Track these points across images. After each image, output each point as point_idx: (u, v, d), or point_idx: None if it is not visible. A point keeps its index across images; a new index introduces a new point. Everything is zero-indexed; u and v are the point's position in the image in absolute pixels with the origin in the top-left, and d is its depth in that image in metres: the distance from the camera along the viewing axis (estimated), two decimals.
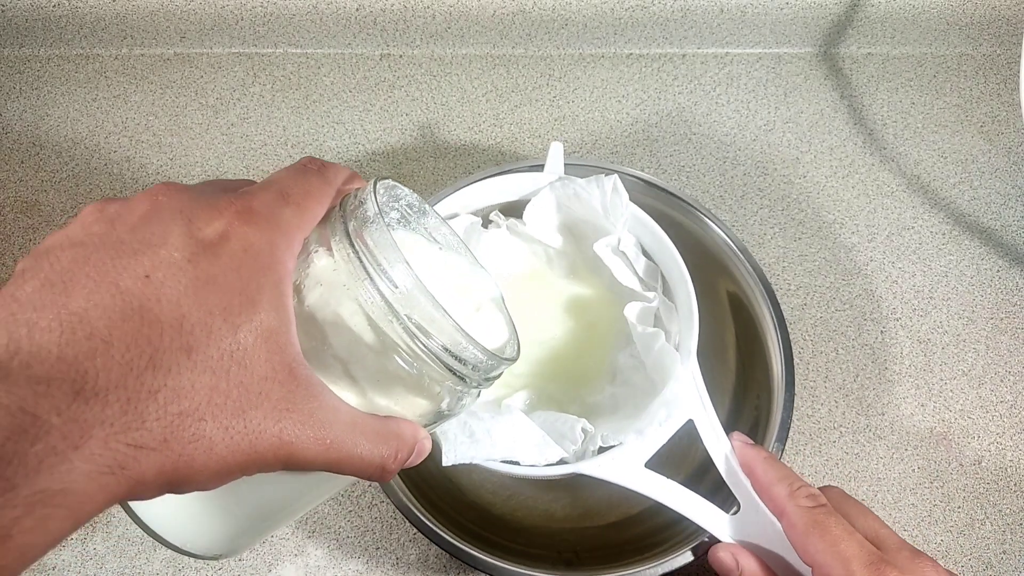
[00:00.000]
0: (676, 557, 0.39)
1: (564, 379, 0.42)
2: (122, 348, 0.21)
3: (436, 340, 0.27)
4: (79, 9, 0.61)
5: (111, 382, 0.21)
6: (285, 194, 0.26)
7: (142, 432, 0.21)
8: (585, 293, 0.44)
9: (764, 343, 0.46)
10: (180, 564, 0.48)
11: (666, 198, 0.48)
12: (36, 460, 0.19)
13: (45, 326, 0.21)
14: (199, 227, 0.24)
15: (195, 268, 0.23)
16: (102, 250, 0.23)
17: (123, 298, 0.22)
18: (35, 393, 0.19)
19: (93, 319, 0.21)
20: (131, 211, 0.24)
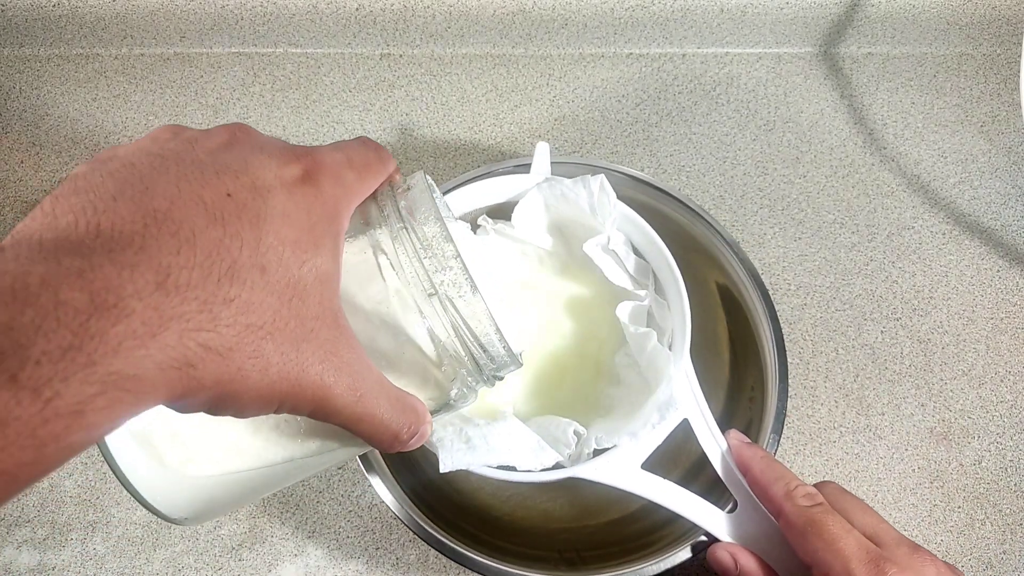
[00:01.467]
0: (675, 554, 0.39)
1: (563, 382, 0.42)
2: (204, 252, 0.21)
3: (471, 327, 0.28)
4: (79, 9, 0.61)
5: (191, 281, 0.21)
6: (350, 160, 0.28)
7: (214, 335, 0.21)
8: (578, 294, 0.44)
9: (757, 336, 0.46)
10: (180, 564, 0.48)
11: (654, 193, 0.48)
12: (116, 341, 0.19)
13: (128, 216, 0.21)
14: (277, 165, 0.25)
15: (272, 199, 0.24)
16: (182, 164, 0.23)
17: (206, 208, 0.22)
18: (119, 275, 0.19)
19: (177, 219, 0.21)
20: (209, 138, 0.25)
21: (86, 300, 0.19)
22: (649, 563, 0.39)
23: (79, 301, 0.19)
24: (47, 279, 0.19)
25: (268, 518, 0.49)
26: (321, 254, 0.24)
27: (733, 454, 0.39)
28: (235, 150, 0.25)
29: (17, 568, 0.48)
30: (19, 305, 0.18)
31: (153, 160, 0.23)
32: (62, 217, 0.21)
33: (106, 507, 0.49)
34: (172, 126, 0.26)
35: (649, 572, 0.39)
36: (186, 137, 0.25)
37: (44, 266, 0.19)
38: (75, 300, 0.19)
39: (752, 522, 0.38)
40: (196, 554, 0.48)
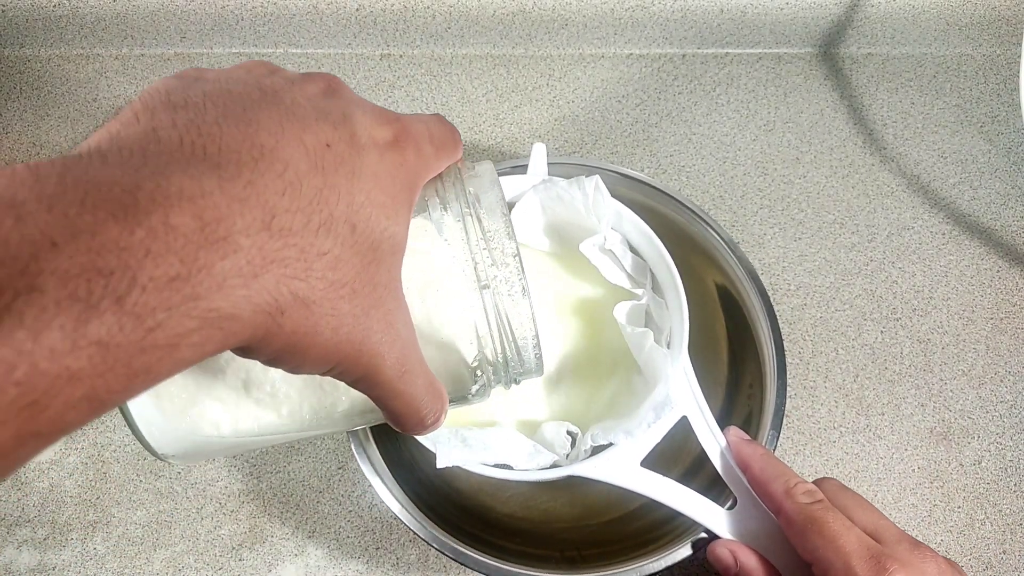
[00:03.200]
0: (676, 551, 0.39)
1: (570, 383, 0.42)
2: (306, 199, 0.21)
3: (513, 328, 0.28)
4: (79, 9, 0.61)
5: (293, 227, 0.20)
6: (431, 134, 0.27)
7: (305, 285, 0.20)
8: (580, 295, 0.44)
9: (755, 334, 0.46)
10: (180, 564, 0.48)
11: (653, 193, 0.48)
12: (221, 277, 0.18)
13: (235, 145, 0.20)
14: (372, 124, 0.24)
15: (366, 157, 0.23)
16: (282, 103, 0.22)
17: (307, 154, 0.21)
18: (229, 207, 0.19)
19: (283, 158, 0.21)
20: (307, 81, 0.24)
21: (196, 228, 0.18)
22: (650, 561, 0.39)
23: (189, 228, 0.18)
24: (157, 197, 0.18)
25: (268, 518, 0.49)
26: (398, 222, 0.24)
27: (732, 451, 0.39)
28: (333, 99, 0.24)
29: (17, 568, 0.48)
30: (129, 223, 0.17)
31: (252, 92, 0.22)
32: (163, 131, 0.20)
33: (106, 507, 0.49)
34: (266, 62, 0.25)
35: (650, 570, 0.39)
36: (284, 76, 0.24)
37: (153, 182, 0.18)
38: (185, 226, 0.18)
39: (752, 519, 0.38)
40: (196, 554, 0.48)
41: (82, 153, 0.19)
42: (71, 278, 0.16)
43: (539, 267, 0.45)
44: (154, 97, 0.21)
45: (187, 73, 0.23)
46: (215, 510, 0.49)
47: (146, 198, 0.17)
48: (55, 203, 0.17)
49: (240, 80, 0.23)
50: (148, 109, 0.21)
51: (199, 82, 0.22)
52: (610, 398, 0.42)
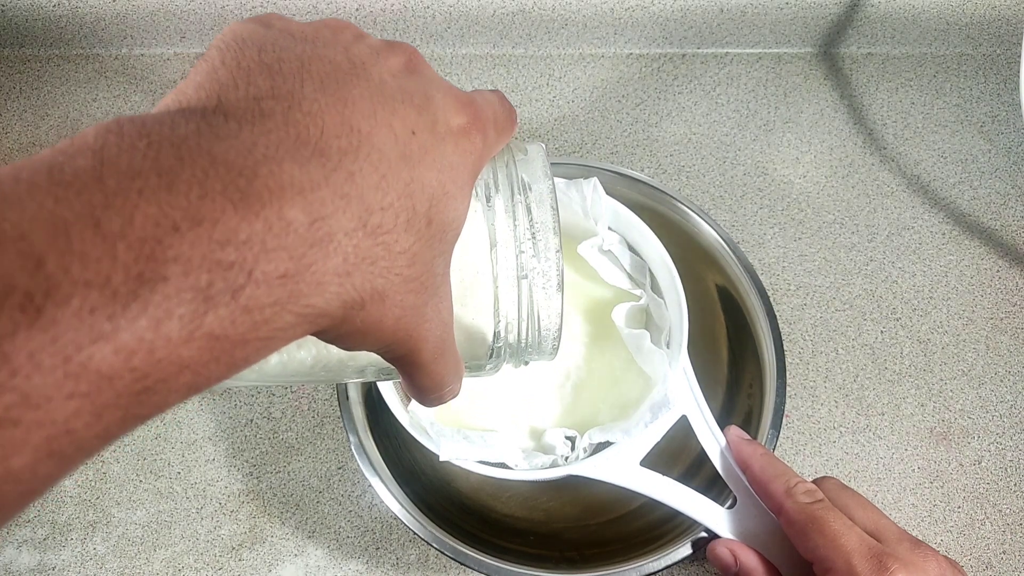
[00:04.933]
0: (676, 550, 0.39)
1: (576, 386, 0.42)
2: (395, 194, 0.21)
3: (541, 321, 0.28)
4: (79, 9, 0.61)
5: (385, 224, 0.20)
6: (495, 119, 0.27)
7: (384, 281, 0.21)
8: (580, 297, 0.44)
9: (755, 333, 0.46)
10: (180, 564, 0.48)
11: (652, 193, 0.48)
12: (322, 276, 0.19)
13: (335, 130, 0.20)
14: (450, 109, 0.24)
15: (445, 146, 0.23)
16: (371, 80, 0.22)
17: (396, 142, 0.21)
18: (334, 204, 0.19)
19: (378, 147, 0.21)
20: (391, 54, 0.24)
21: (305, 223, 0.18)
22: (650, 560, 0.39)
23: (299, 223, 0.18)
24: (272, 186, 0.18)
25: (268, 518, 0.49)
26: (461, 211, 0.24)
27: (732, 451, 0.39)
28: (415, 78, 0.24)
29: (17, 568, 0.48)
30: (248, 213, 0.17)
31: (342, 62, 0.22)
32: (265, 103, 0.20)
33: (106, 507, 0.49)
34: (348, 23, 0.24)
35: (650, 569, 0.39)
36: (369, 45, 0.24)
37: (267, 167, 0.18)
38: (297, 221, 0.18)
39: (752, 518, 0.38)
40: (196, 554, 0.48)
41: (187, 110, 0.19)
42: (193, 269, 0.16)
43: None
44: (245, 51, 0.21)
45: (272, 21, 0.23)
46: (215, 510, 0.49)
47: (262, 186, 0.18)
48: (175, 181, 0.17)
49: (328, 43, 0.23)
50: (243, 69, 0.20)
51: (289, 39, 0.22)
52: (615, 399, 0.42)
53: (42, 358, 0.14)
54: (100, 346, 0.15)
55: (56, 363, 0.15)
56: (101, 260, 0.15)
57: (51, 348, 0.15)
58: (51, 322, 0.15)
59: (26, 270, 0.15)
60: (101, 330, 0.15)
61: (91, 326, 0.15)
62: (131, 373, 0.16)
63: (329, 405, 0.52)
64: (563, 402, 0.42)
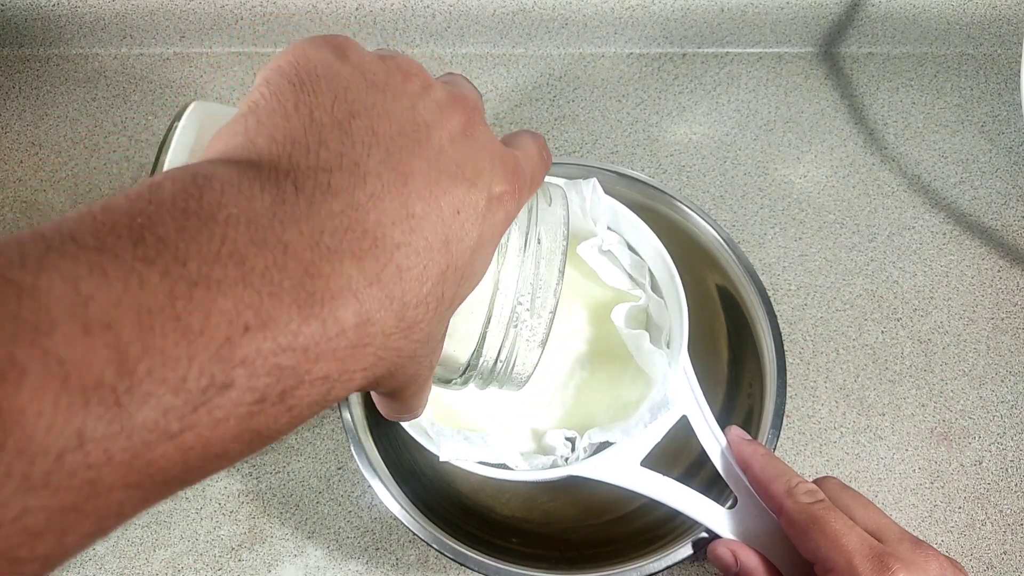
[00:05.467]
0: (676, 551, 0.39)
1: (581, 388, 0.42)
2: (431, 284, 0.22)
3: (516, 367, 0.30)
4: (79, 9, 0.61)
5: (418, 319, 0.22)
6: (532, 177, 0.28)
7: (401, 360, 0.22)
8: (581, 298, 0.44)
9: (755, 333, 0.46)
10: (180, 564, 0.48)
11: (652, 193, 0.48)
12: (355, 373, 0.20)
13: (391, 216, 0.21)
14: (497, 180, 0.25)
15: (485, 224, 0.24)
16: (431, 148, 0.23)
17: (442, 225, 0.22)
18: (380, 307, 0.20)
19: (426, 233, 0.22)
20: (451, 110, 0.25)
21: (353, 325, 0.19)
22: (650, 560, 0.39)
23: (349, 327, 0.19)
24: (333, 290, 0.19)
25: (268, 518, 0.49)
26: (483, 272, 0.25)
27: (733, 451, 0.39)
28: (469, 145, 0.24)
29: None
30: (308, 314, 0.18)
31: (409, 125, 0.23)
32: (334, 177, 0.20)
33: None
34: (417, 67, 0.25)
35: (650, 570, 0.39)
36: (435, 100, 0.24)
37: (330, 266, 0.19)
38: (347, 325, 0.19)
39: (752, 518, 0.38)
40: (196, 554, 0.48)
41: (260, 172, 0.20)
42: (256, 374, 0.17)
43: None
44: (319, 96, 0.22)
45: (347, 52, 0.23)
46: (215, 510, 0.49)
47: (324, 287, 0.19)
48: (250, 275, 0.18)
49: (397, 94, 0.23)
50: (316, 124, 0.21)
51: (362, 83, 0.23)
52: (616, 400, 0.42)
53: (114, 452, 0.15)
54: (165, 446, 0.16)
55: (126, 458, 0.16)
56: (179, 360, 0.16)
57: (124, 443, 0.15)
58: (129, 419, 0.15)
59: (112, 364, 0.15)
60: (170, 430, 0.16)
61: (164, 428, 0.16)
62: (184, 464, 0.17)
63: None
64: (563, 403, 0.42)
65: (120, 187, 0.59)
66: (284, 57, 0.23)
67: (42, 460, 0.14)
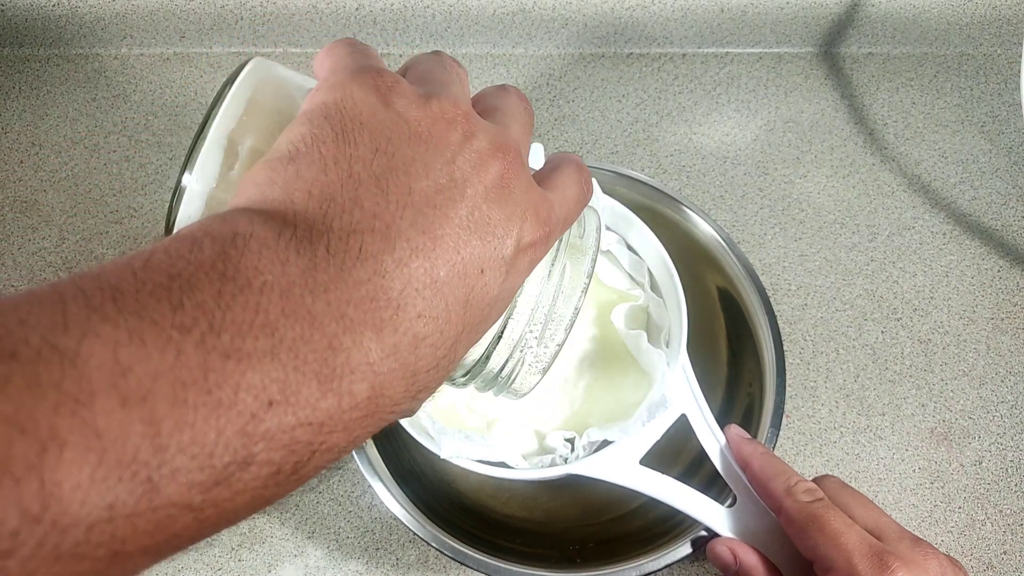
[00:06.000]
0: (676, 549, 0.39)
1: (585, 388, 0.42)
2: (445, 347, 0.22)
3: (515, 385, 0.30)
4: (79, 9, 0.61)
5: (429, 384, 0.22)
6: (567, 218, 0.26)
7: (419, 396, 0.22)
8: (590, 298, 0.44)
9: (754, 332, 0.46)
10: (179, 564, 0.48)
11: (652, 193, 0.48)
12: (357, 440, 0.20)
13: (415, 283, 0.21)
14: (528, 232, 0.24)
15: (506, 276, 0.23)
16: (462, 209, 0.22)
17: (466, 288, 0.22)
18: (392, 378, 0.20)
19: (447, 296, 0.21)
20: (489, 167, 0.23)
21: (366, 400, 0.20)
22: (650, 559, 0.39)
23: (362, 400, 0.20)
24: (352, 365, 0.19)
25: (268, 518, 0.49)
26: (501, 315, 0.25)
27: (732, 450, 0.39)
28: (505, 200, 0.23)
29: None
30: (328, 389, 0.19)
31: (445, 183, 0.22)
32: (365, 240, 0.20)
33: None
34: (463, 111, 0.24)
35: (650, 568, 0.39)
36: (476, 152, 0.23)
37: (351, 339, 0.19)
38: (361, 398, 0.20)
39: (752, 517, 0.38)
40: (196, 554, 0.48)
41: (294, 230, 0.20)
42: (274, 448, 0.18)
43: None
44: (359, 148, 0.22)
45: (392, 97, 0.23)
46: None
47: (343, 361, 0.19)
48: (278, 348, 0.18)
49: (438, 146, 0.23)
50: (353, 180, 0.21)
51: (405, 133, 0.22)
52: (616, 400, 0.42)
53: (140, 525, 0.16)
54: (186, 518, 0.17)
55: (149, 530, 0.16)
56: (208, 435, 0.17)
57: (150, 517, 0.16)
58: (157, 495, 0.16)
59: (147, 439, 0.16)
60: (192, 504, 0.17)
61: (188, 502, 0.17)
62: (199, 531, 0.17)
63: None
64: (564, 404, 0.42)
65: (120, 187, 0.59)
66: (330, 94, 0.22)
67: (73, 532, 0.15)
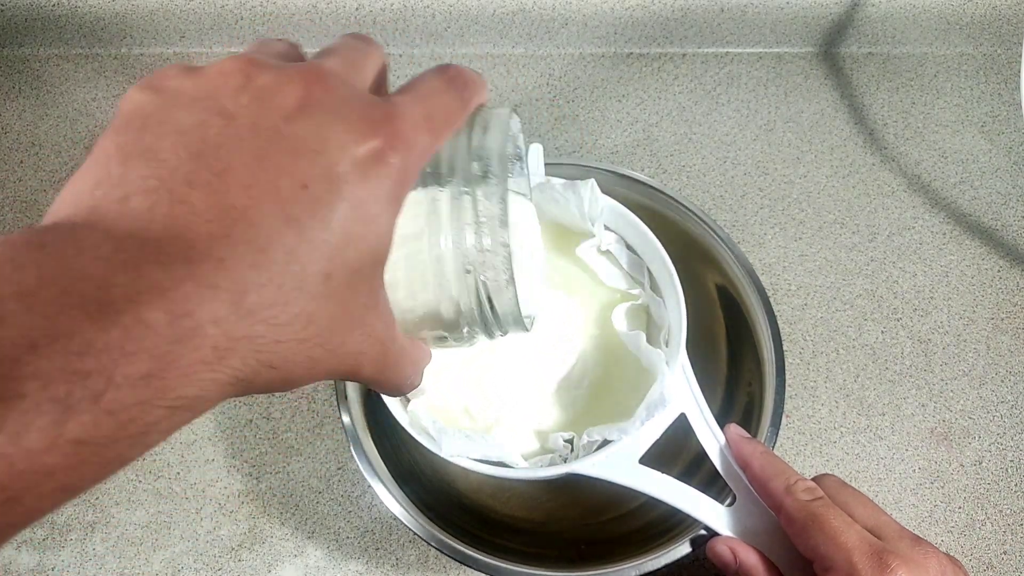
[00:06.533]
0: (675, 548, 0.39)
1: (588, 390, 0.42)
2: (278, 265, 0.20)
3: (497, 311, 0.28)
4: (79, 9, 0.61)
5: (264, 301, 0.20)
6: (429, 117, 0.25)
7: (272, 355, 0.21)
8: (583, 299, 0.44)
9: (753, 331, 0.46)
10: (179, 564, 0.48)
11: (651, 193, 0.48)
12: (191, 369, 0.19)
13: (205, 215, 0.20)
14: (356, 141, 0.22)
15: (346, 189, 0.22)
16: (257, 135, 0.21)
17: (281, 204, 0.20)
18: (199, 295, 0.19)
19: (256, 221, 0.20)
20: (284, 94, 0.22)
21: (166, 322, 0.18)
22: (650, 559, 0.39)
23: (160, 323, 0.18)
24: (130, 294, 0.18)
25: (268, 518, 0.49)
26: (382, 237, 0.23)
27: (732, 449, 0.39)
28: (312, 117, 0.22)
29: (16, 568, 0.47)
30: (105, 323, 0.18)
31: (226, 126, 0.21)
32: (135, 200, 0.20)
33: (106, 507, 0.49)
34: (241, 65, 0.22)
35: (649, 568, 0.39)
36: (259, 89, 0.22)
37: (126, 276, 0.18)
38: (156, 321, 0.18)
39: (751, 516, 0.38)
40: (195, 555, 0.48)
41: (60, 226, 0.20)
42: (51, 381, 0.17)
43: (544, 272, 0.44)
44: (127, 134, 0.21)
45: (163, 85, 0.22)
46: (214, 511, 0.49)
47: (120, 295, 0.18)
48: (34, 302, 0.17)
49: (213, 106, 0.22)
50: (123, 155, 0.21)
51: (172, 111, 0.22)
52: (616, 399, 0.42)
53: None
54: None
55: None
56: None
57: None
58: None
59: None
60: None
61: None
62: (10, 491, 0.17)
63: (329, 405, 0.52)
64: (563, 403, 0.42)
65: None
66: (119, 106, 0.22)
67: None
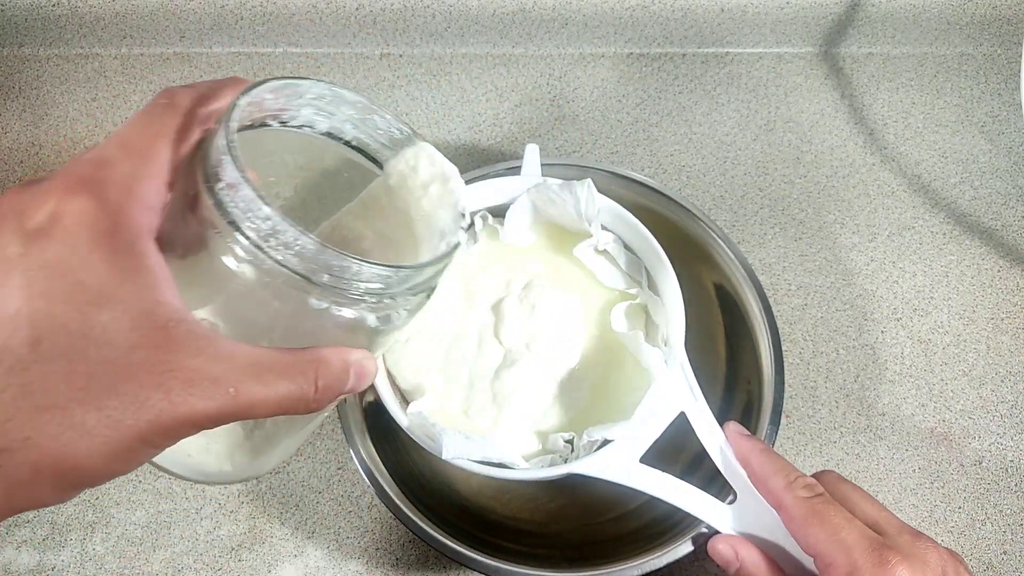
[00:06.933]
0: (677, 547, 0.39)
1: (588, 390, 0.42)
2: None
3: (310, 266, 0.25)
4: (79, 9, 0.61)
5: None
6: (124, 144, 0.25)
7: (1, 437, 0.20)
8: (582, 299, 0.44)
9: (752, 329, 0.46)
10: (179, 564, 0.48)
11: (650, 194, 0.48)
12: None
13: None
14: (29, 216, 0.22)
15: (28, 259, 0.22)
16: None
17: None
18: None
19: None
20: None
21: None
22: (651, 558, 0.39)
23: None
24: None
25: (268, 518, 0.49)
26: (113, 280, 0.22)
27: (732, 446, 0.39)
28: None
29: (17, 568, 0.47)
30: None
31: None
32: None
33: (106, 507, 0.49)
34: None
35: (651, 567, 0.39)
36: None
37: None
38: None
39: (752, 514, 0.38)
40: (196, 554, 0.48)
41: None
42: None
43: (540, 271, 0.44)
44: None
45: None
46: (214, 511, 0.49)
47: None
48: None
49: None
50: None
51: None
52: (615, 399, 0.42)
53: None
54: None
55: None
56: None
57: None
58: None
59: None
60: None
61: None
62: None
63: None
64: (562, 404, 0.42)
65: None
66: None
67: None
